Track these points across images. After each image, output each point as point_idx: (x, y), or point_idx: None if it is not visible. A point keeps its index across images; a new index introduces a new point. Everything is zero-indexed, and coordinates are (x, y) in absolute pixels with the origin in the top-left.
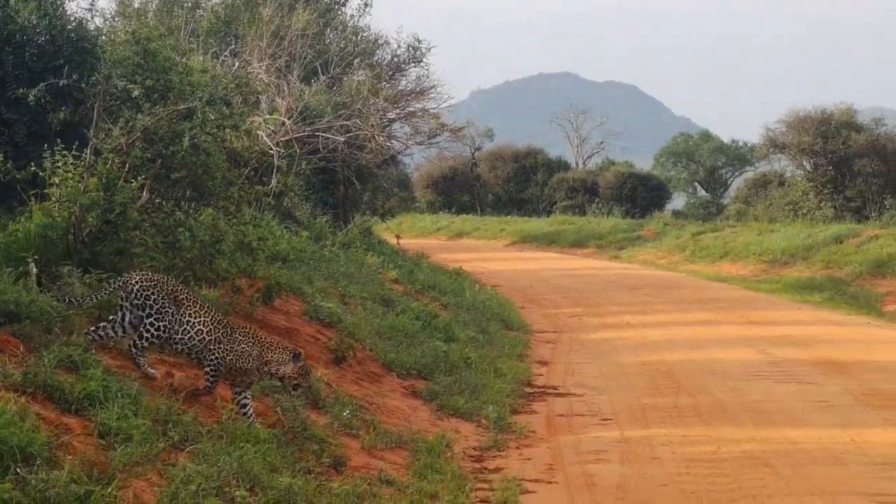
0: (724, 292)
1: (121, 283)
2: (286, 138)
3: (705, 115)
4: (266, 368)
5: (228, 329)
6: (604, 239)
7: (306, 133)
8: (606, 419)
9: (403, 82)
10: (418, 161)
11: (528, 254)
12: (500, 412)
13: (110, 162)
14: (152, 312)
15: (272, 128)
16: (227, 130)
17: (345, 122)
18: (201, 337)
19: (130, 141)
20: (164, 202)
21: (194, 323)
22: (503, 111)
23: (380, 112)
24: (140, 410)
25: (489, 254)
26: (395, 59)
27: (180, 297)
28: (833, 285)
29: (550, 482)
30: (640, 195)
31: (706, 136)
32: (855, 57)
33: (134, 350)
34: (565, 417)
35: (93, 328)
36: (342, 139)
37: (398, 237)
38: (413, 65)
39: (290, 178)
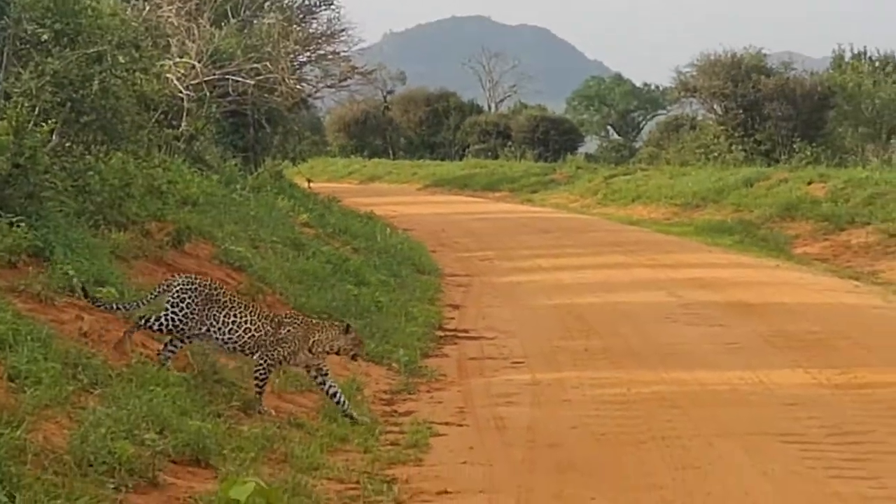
0: (636, 235)
1: (165, 286)
2: (196, 82)
3: (618, 58)
4: (318, 349)
5: (275, 321)
6: (516, 182)
7: (216, 76)
8: (517, 362)
9: (314, 25)
10: (330, 105)
11: (441, 198)
12: (411, 356)
13: (20, 106)
14: (178, 310)
15: (182, 71)
16: (137, 74)
17: (255, 65)
18: (250, 335)
19: (40, 85)
20: (73, 146)
21: (240, 322)
22: (415, 54)
23: (290, 55)
24: (50, 354)
25: (401, 198)
26: (306, 2)
27: (222, 300)
28: (743, 228)
29: (461, 425)
30: (552, 139)
31: (618, 79)
32: (764, 1)
33: (138, 324)
34: (476, 361)
35: (163, 347)
36: (252, 82)
37: (309, 181)
38: (324, 7)
39: (200, 121)
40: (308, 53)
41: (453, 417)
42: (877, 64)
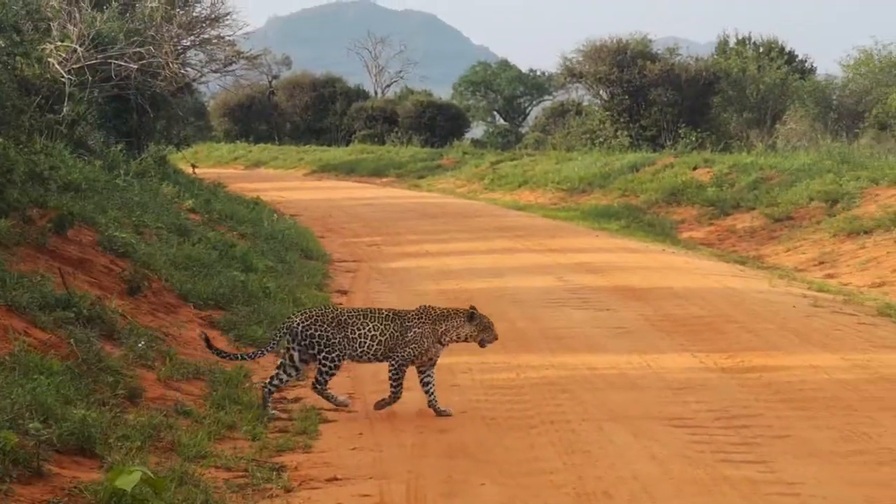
0: (523, 220)
1: (286, 328)
2: (78, 66)
3: (504, 44)
4: (446, 338)
5: (399, 320)
6: (403, 168)
7: (99, 60)
8: None
9: (198, 8)
10: (214, 89)
11: (328, 183)
12: None
13: None
14: (322, 348)
15: (64, 55)
16: (18, 58)
17: (138, 49)
18: (378, 342)
19: None
20: None
21: (365, 333)
22: (301, 39)
23: (174, 39)
24: None
25: (288, 183)
26: None
27: (342, 319)
28: (629, 213)
29: (350, 411)
30: (439, 124)
31: (505, 65)
32: None
33: (317, 387)
34: None
35: (267, 380)
36: (135, 66)
37: (194, 166)
38: None
39: (82, 106)
40: (192, 38)
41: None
42: (761, 49)
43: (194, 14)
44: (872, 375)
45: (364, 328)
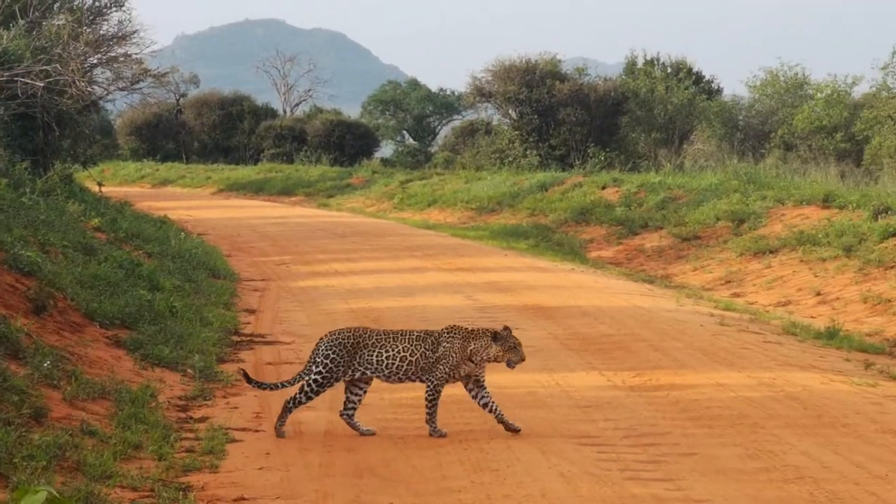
0: (433, 239)
1: (316, 349)
2: None
3: (413, 63)
4: (476, 358)
5: (429, 339)
6: (312, 187)
7: (5, 78)
8: None
9: (105, 27)
10: (121, 107)
11: (236, 202)
12: (207, 361)
13: None
14: (322, 370)
15: None
16: None
17: (45, 67)
18: (408, 362)
19: None
20: None
21: (392, 355)
22: (209, 57)
23: (80, 57)
24: None
25: (195, 202)
26: (96, 3)
27: (369, 342)
28: (538, 232)
29: (258, 430)
30: (348, 143)
31: (414, 84)
32: (560, 8)
33: (292, 404)
34: (273, 365)
35: (343, 409)
36: (42, 84)
37: (100, 185)
38: (115, 9)
39: None
40: (99, 55)
41: (250, 423)
42: (669, 70)
43: (101, 32)
44: (778, 393)
45: (392, 349)
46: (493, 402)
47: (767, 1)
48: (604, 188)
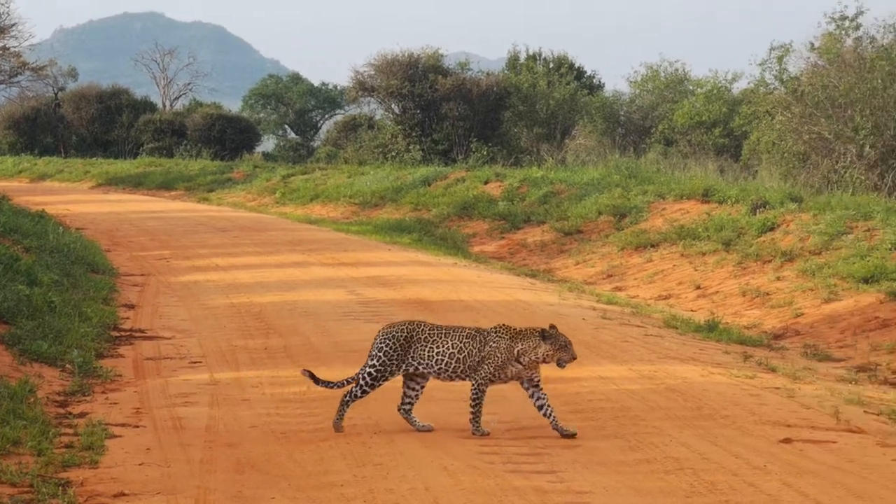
0: (315, 234)
1: (374, 341)
2: None
3: (295, 57)
4: (524, 359)
5: (478, 337)
6: (193, 181)
7: None
8: (196, 362)
9: None
10: None
11: (115, 196)
12: (86, 356)
13: None
14: (377, 363)
15: None
16: None
17: None
18: (457, 360)
19: None
20: None
21: (442, 352)
22: (87, 51)
23: None
24: None
25: (74, 196)
26: None
27: (420, 336)
28: (421, 227)
29: (137, 426)
30: (229, 137)
31: (296, 78)
32: (443, 3)
33: (348, 397)
34: (153, 361)
35: (401, 404)
36: None
37: None
38: None
39: None
40: None
41: (130, 418)
42: (550, 65)
43: None
44: (658, 386)
45: (442, 346)
46: (548, 406)
47: None
48: (486, 183)
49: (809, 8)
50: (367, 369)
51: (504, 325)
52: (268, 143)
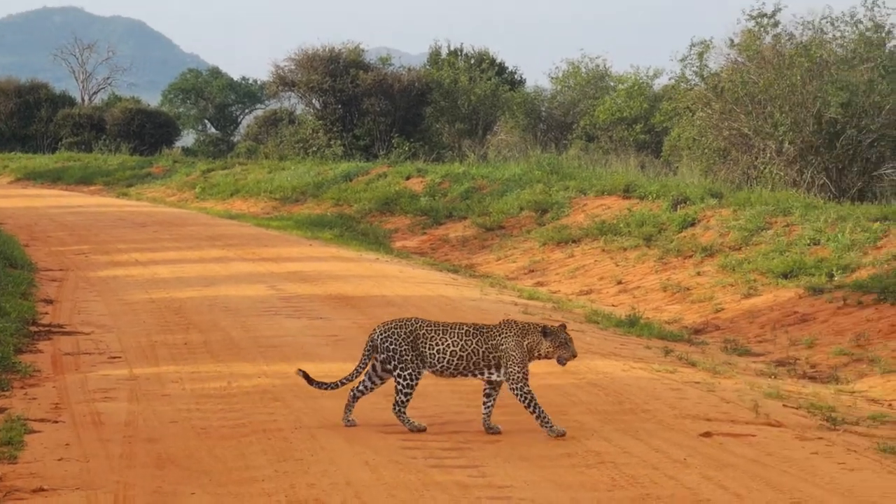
0: (236, 229)
1: (370, 340)
2: None
3: (214, 52)
4: (532, 355)
5: (482, 333)
6: (111, 176)
7: None
8: (115, 357)
9: None
10: None
11: (33, 191)
12: (4, 351)
13: None
14: (398, 363)
15: None
16: None
17: None
18: (459, 357)
19: None
20: None
21: (443, 348)
22: (6, 45)
23: None
24: None
25: None
26: None
27: (420, 333)
28: (343, 222)
29: (56, 421)
30: (148, 132)
31: (216, 73)
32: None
33: (396, 408)
34: (72, 356)
35: (351, 394)
36: None
37: None
38: None
39: None
40: None
41: (49, 414)
42: (472, 61)
43: None
44: (580, 381)
45: (441, 342)
46: (493, 403)
47: None
48: (408, 178)
49: (729, 5)
50: (397, 374)
51: (509, 320)
52: (187, 138)
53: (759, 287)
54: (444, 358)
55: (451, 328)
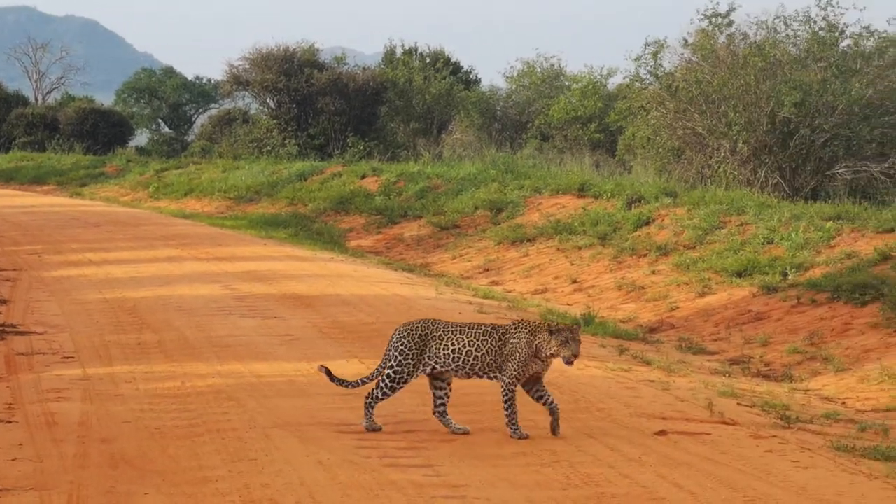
0: (190, 229)
1: (391, 337)
2: None
3: (168, 51)
4: (541, 354)
5: (495, 334)
6: (65, 176)
7: None
8: (68, 357)
9: None
10: None
11: None
12: None
13: None
14: (394, 364)
15: None
16: None
17: None
18: (474, 357)
19: None
20: None
21: (458, 348)
22: None
23: None
24: None
25: None
26: None
27: (435, 334)
28: (298, 221)
29: (10, 422)
30: (102, 131)
31: (169, 72)
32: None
33: (370, 399)
34: (25, 356)
35: (434, 407)
36: None
37: None
38: None
39: None
40: None
41: (2, 414)
42: (427, 60)
43: None
44: None
45: (457, 342)
46: (549, 396)
47: None
48: (363, 178)
49: (684, 5)
50: (386, 370)
51: (523, 320)
52: (141, 138)
53: (713, 286)
54: (460, 357)
55: (468, 328)
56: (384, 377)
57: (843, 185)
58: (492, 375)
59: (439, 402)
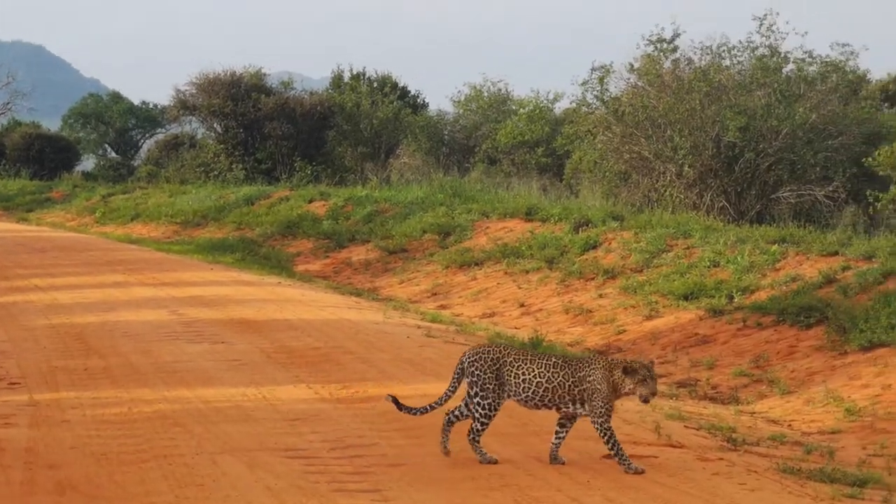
0: (136, 254)
1: (459, 364)
2: None
3: (115, 76)
4: (618, 391)
5: (571, 366)
6: (11, 201)
7: None
8: (14, 383)
9: None
10: None
11: None
12: None
13: None
14: (479, 391)
15: None
16: None
17: None
18: (545, 388)
19: None
20: None
21: (528, 378)
22: None
23: None
24: None
25: None
26: None
27: (507, 360)
28: (245, 246)
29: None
30: (48, 156)
31: (116, 97)
32: (265, 21)
33: (473, 436)
34: None
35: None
36: None
37: None
38: None
39: None
40: None
41: None
42: (374, 84)
43: None
44: None
45: (528, 372)
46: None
47: (471, 19)
48: (311, 202)
49: (629, 30)
50: (474, 404)
51: (597, 354)
52: (88, 163)
53: (660, 309)
54: (530, 388)
55: (538, 358)
56: (476, 412)
57: (787, 209)
58: (560, 407)
59: (458, 414)
